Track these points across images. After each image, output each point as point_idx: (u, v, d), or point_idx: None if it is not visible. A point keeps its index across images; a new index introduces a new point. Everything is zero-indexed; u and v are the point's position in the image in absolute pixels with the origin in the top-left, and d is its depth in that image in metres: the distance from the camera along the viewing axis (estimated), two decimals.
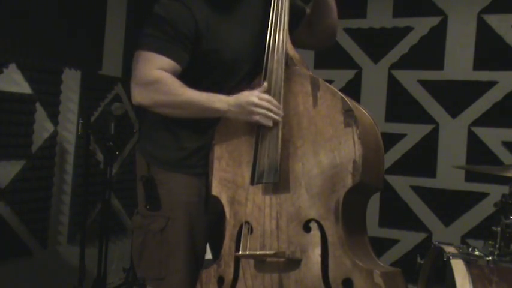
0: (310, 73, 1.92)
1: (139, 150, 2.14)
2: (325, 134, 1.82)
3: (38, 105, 3.32)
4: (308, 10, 2.16)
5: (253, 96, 1.87)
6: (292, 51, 1.97)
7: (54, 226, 3.55)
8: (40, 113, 3.35)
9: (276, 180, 1.85)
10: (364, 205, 2.00)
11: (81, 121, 3.54)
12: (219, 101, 1.90)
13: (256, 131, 1.92)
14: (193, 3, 1.93)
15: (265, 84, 1.91)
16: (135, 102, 1.94)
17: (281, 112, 1.88)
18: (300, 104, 1.89)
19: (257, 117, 1.87)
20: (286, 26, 1.96)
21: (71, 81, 3.58)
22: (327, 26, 2.13)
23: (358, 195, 1.87)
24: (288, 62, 1.94)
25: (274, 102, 1.88)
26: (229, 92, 1.94)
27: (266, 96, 1.88)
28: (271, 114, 1.86)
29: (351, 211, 1.84)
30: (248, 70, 2.03)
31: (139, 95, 1.92)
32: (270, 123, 1.87)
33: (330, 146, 1.81)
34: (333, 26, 2.15)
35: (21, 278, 3.29)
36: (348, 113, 1.81)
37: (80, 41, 3.64)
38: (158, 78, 1.89)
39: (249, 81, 2.02)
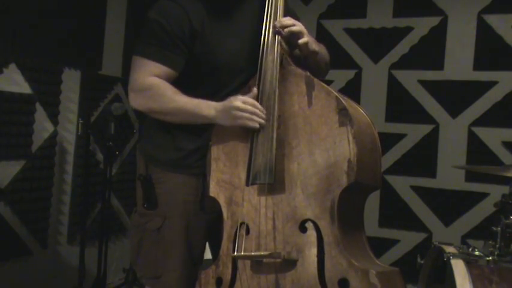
0: (306, 73, 1.90)
1: (139, 150, 2.17)
2: (320, 133, 1.82)
3: (38, 105, 3.32)
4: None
5: (237, 101, 1.87)
6: (287, 52, 1.96)
7: (54, 226, 3.55)
8: (40, 113, 3.34)
9: (271, 180, 1.84)
10: (361, 204, 1.99)
11: (81, 121, 3.54)
12: (207, 108, 1.92)
13: (252, 131, 1.91)
14: (190, 5, 1.94)
15: (255, 90, 1.90)
16: (132, 107, 2.03)
17: (264, 116, 1.87)
18: (295, 104, 1.88)
19: (242, 121, 1.86)
20: None
21: (71, 81, 3.57)
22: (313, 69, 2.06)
23: (354, 195, 1.86)
24: (283, 62, 1.93)
25: (259, 106, 1.87)
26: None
27: (251, 100, 1.87)
28: (256, 118, 1.86)
29: (347, 210, 1.83)
30: (246, 78, 2.01)
31: (134, 101, 1.99)
32: (256, 126, 1.86)
33: (325, 146, 1.80)
34: (319, 70, 2.09)
35: (21, 278, 3.29)
36: (342, 112, 1.80)
37: (80, 41, 3.64)
38: (151, 85, 1.94)
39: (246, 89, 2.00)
